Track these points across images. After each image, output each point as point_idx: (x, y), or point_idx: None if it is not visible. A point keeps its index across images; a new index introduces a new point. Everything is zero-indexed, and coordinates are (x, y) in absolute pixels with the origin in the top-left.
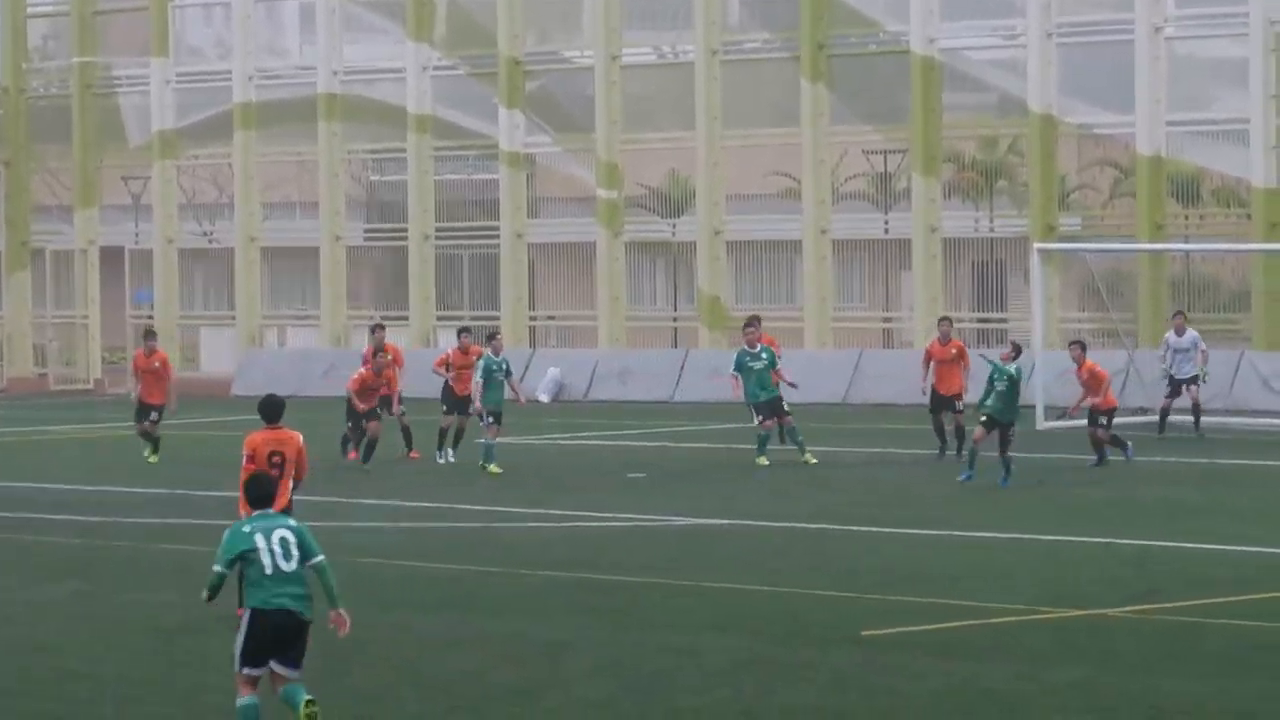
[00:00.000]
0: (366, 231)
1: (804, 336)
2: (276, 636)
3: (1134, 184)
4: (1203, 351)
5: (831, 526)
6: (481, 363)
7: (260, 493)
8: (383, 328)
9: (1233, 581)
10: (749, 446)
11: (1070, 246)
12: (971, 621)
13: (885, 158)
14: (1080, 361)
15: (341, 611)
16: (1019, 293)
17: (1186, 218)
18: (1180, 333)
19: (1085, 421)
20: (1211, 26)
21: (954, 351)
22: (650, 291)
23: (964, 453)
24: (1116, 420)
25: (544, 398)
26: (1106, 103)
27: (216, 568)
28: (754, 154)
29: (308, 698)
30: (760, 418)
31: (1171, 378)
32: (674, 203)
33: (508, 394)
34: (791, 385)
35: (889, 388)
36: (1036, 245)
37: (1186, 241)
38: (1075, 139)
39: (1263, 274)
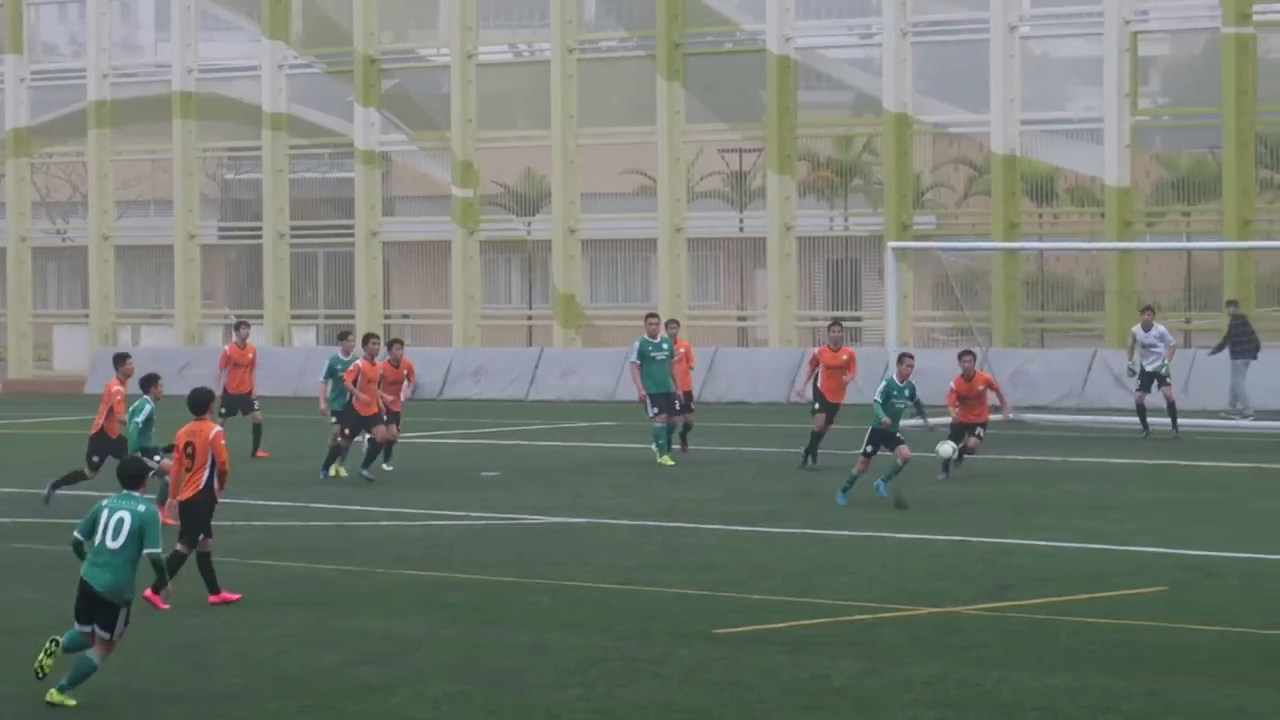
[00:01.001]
0: (221, 229)
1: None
2: (86, 602)
3: (989, 182)
4: (1170, 347)
5: (684, 524)
6: (328, 363)
7: (127, 473)
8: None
9: (1084, 578)
10: (602, 444)
11: (925, 245)
12: (823, 619)
13: (741, 156)
14: (972, 374)
15: (162, 594)
16: (873, 291)
17: (1041, 216)
18: (1148, 328)
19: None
20: (1066, 26)
21: (844, 358)
22: (505, 290)
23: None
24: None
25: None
26: (961, 101)
27: (75, 533)
28: (610, 152)
29: (49, 645)
30: (655, 410)
31: (1142, 370)
32: (529, 201)
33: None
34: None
35: (743, 386)
36: (891, 244)
37: (1041, 240)
38: (930, 137)
39: (1116, 272)
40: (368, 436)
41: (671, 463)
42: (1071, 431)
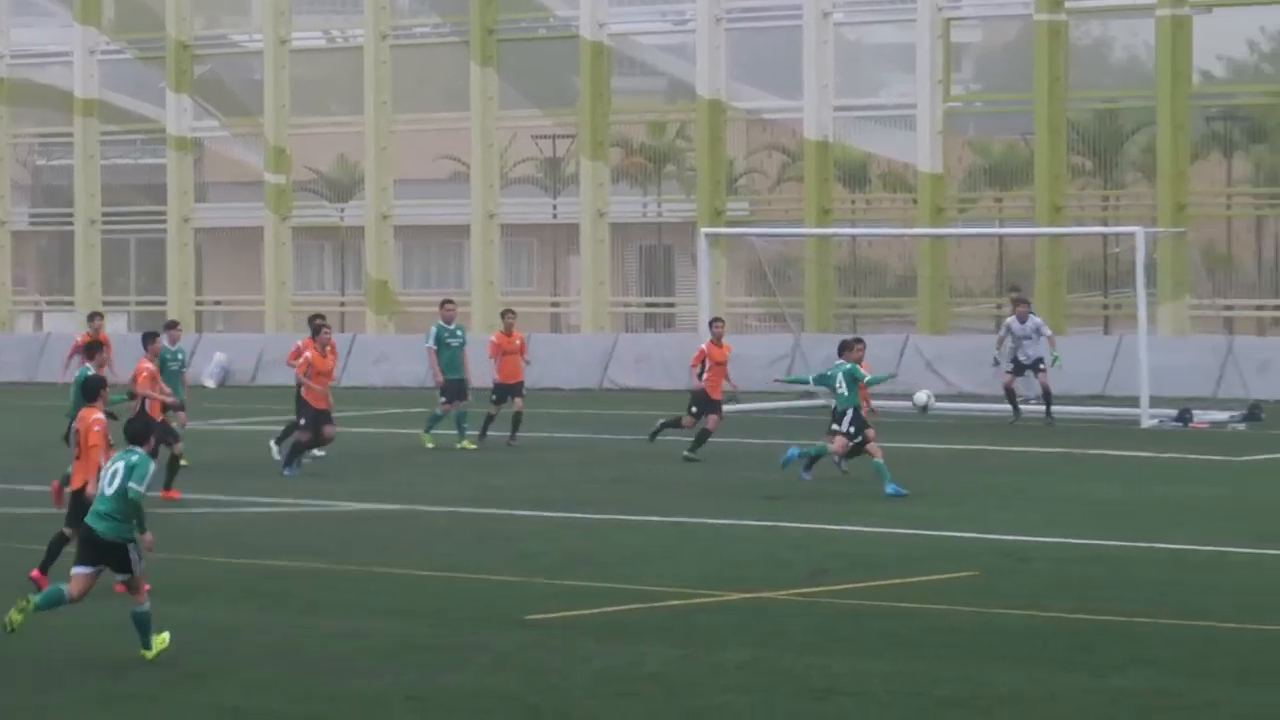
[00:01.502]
0: (32, 216)
1: (472, 320)
2: (88, 546)
3: (802, 169)
4: (1049, 337)
5: (498, 510)
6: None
7: (131, 430)
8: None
9: (896, 563)
10: (417, 431)
11: (737, 231)
12: (637, 605)
13: (554, 142)
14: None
15: (147, 535)
16: (687, 277)
17: (854, 202)
18: (1023, 320)
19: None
20: (879, 13)
21: (728, 354)
22: (318, 276)
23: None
24: (774, 404)
25: (210, 383)
26: (775, 88)
27: None
28: (423, 138)
29: (20, 602)
30: (444, 399)
31: (1016, 362)
32: (342, 187)
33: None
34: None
35: (556, 372)
36: (704, 230)
37: (854, 226)
38: (743, 124)
39: (928, 259)
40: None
41: (432, 445)
42: (883, 418)
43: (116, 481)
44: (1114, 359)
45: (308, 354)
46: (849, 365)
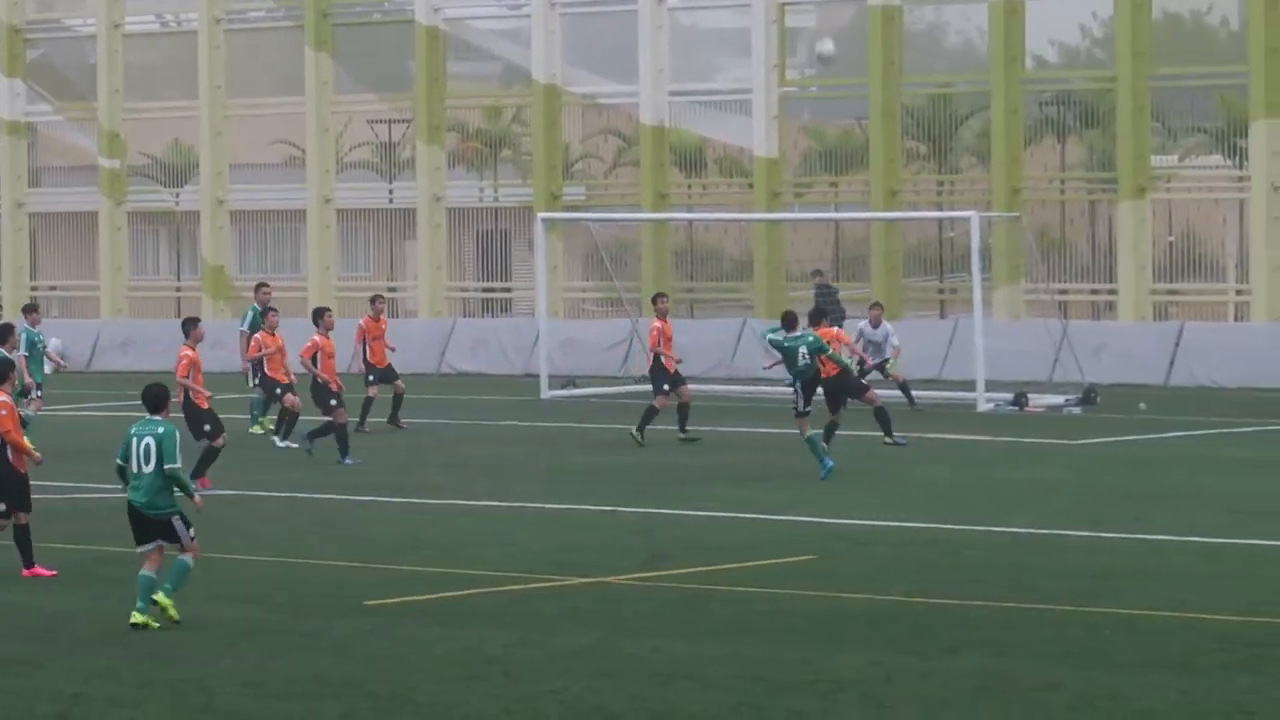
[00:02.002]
0: None
1: (307, 306)
2: (138, 524)
3: (638, 153)
4: (895, 347)
5: (336, 496)
6: (24, 337)
7: (150, 398)
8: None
9: (735, 548)
10: (248, 416)
11: (574, 216)
12: (476, 590)
13: (390, 127)
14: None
15: (197, 499)
16: (523, 262)
17: (690, 187)
18: (875, 324)
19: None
20: None
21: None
22: (153, 261)
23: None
24: (611, 389)
25: (45, 369)
26: (610, 73)
27: (116, 459)
28: (258, 123)
29: (165, 586)
30: (255, 382)
31: (862, 367)
32: (177, 172)
33: (48, 367)
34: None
35: (394, 357)
36: (540, 215)
37: (690, 210)
38: (579, 108)
39: (764, 243)
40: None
41: (262, 431)
42: (721, 402)
43: (151, 460)
44: (950, 343)
45: (257, 335)
46: (813, 337)
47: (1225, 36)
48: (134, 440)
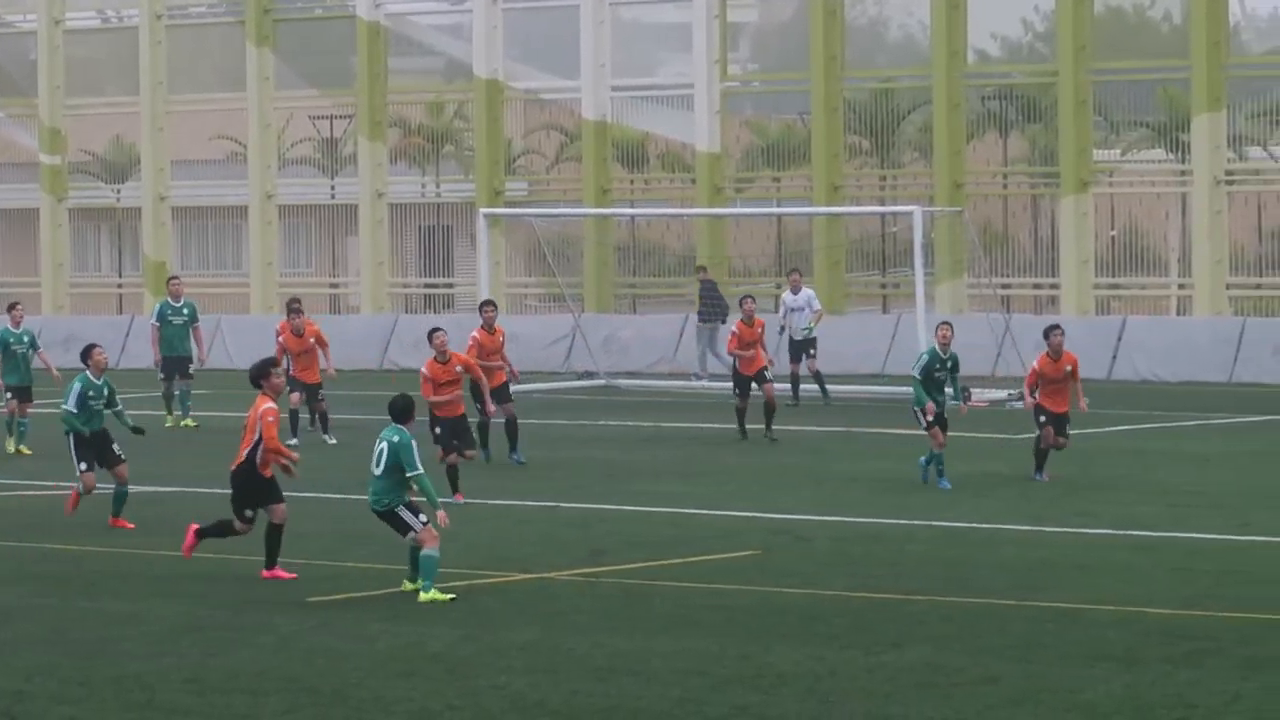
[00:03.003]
0: None
1: (249, 302)
2: (382, 520)
3: (580, 149)
4: (816, 312)
5: None
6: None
7: (395, 408)
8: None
9: (676, 542)
10: (194, 413)
11: (516, 212)
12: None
13: (332, 123)
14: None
15: (440, 512)
16: (466, 257)
17: (632, 182)
18: (796, 290)
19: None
20: None
21: (759, 331)
22: (95, 257)
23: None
24: (554, 385)
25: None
26: (552, 68)
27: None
28: (199, 119)
29: (416, 588)
30: (162, 375)
31: (791, 341)
32: (118, 168)
33: (37, 364)
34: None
35: (335, 353)
36: (483, 210)
37: (632, 206)
38: (521, 104)
39: (707, 238)
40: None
41: (171, 424)
42: (663, 396)
43: (381, 463)
44: (893, 338)
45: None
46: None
47: (1167, 30)
48: (379, 444)
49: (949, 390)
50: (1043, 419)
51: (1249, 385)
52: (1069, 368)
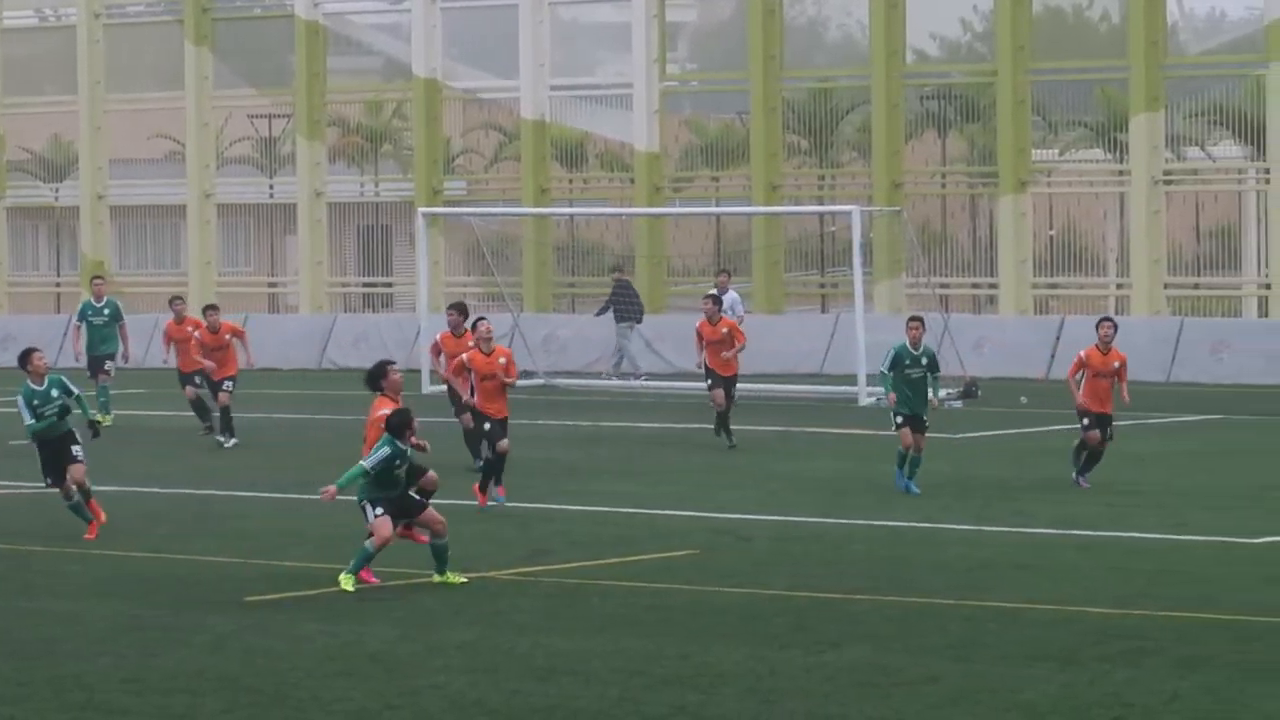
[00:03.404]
0: None
1: (188, 301)
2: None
3: (519, 148)
4: (741, 316)
5: (216, 491)
6: None
7: (389, 423)
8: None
9: (616, 542)
10: (133, 412)
11: (455, 211)
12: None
13: (270, 122)
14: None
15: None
16: (405, 257)
17: (571, 182)
18: (722, 291)
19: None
20: None
21: (724, 331)
22: (33, 256)
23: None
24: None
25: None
26: (491, 67)
27: None
28: (138, 118)
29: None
30: (90, 373)
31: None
32: (57, 167)
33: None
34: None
35: (274, 352)
36: (421, 209)
37: (571, 205)
38: (460, 103)
39: (646, 238)
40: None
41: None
42: (602, 396)
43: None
44: (831, 337)
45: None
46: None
47: (1106, 30)
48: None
49: (932, 393)
50: (1086, 421)
51: (1186, 385)
52: (1117, 364)
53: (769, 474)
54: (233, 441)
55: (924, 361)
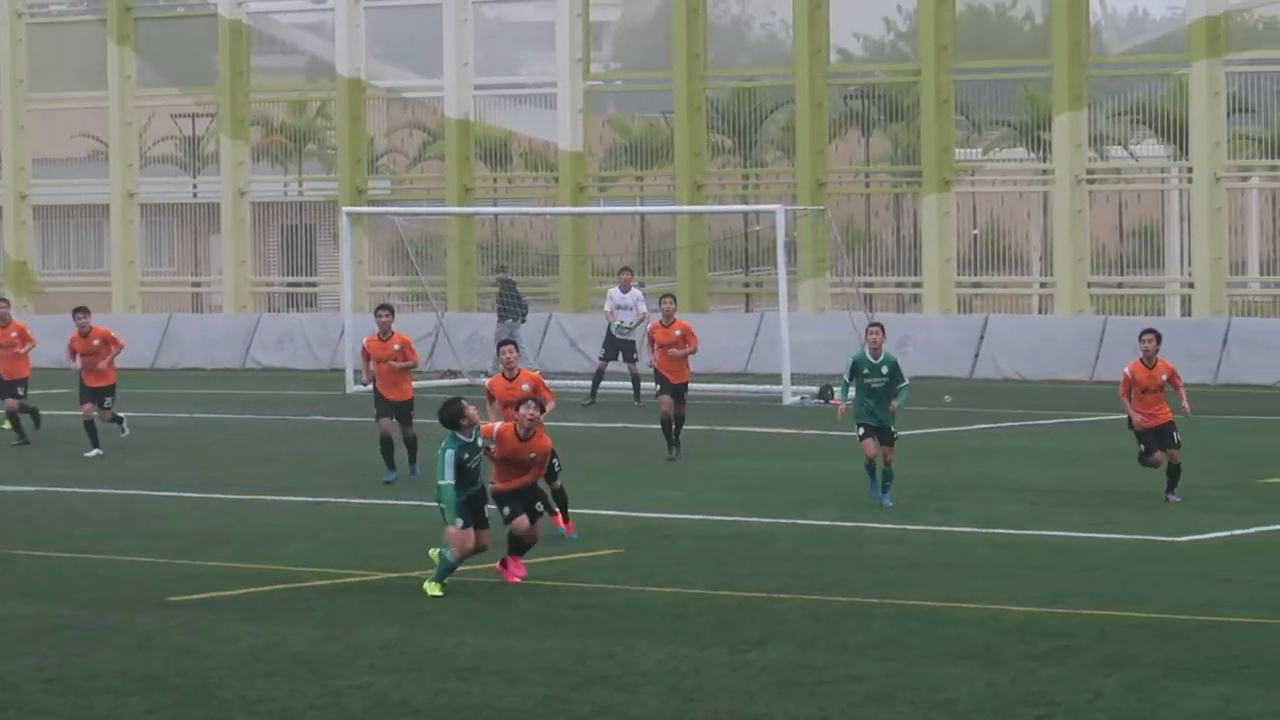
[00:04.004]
0: None
1: (111, 301)
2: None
3: (443, 147)
4: (641, 314)
5: (139, 491)
6: None
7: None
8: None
9: (541, 541)
10: (55, 412)
11: (379, 210)
12: (280, 585)
13: (194, 121)
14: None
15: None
16: (329, 256)
17: (495, 181)
18: (625, 289)
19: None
20: None
21: (677, 333)
22: None
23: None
24: (418, 384)
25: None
26: (415, 66)
27: None
28: (60, 117)
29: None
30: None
31: (610, 337)
32: None
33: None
34: None
35: (197, 353)
36: (345, 209)
37: (495, 205)
38: (384, 102)
39: (570, 237)
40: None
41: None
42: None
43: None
44: (755, 336)
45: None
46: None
47: (1029, 30)
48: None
49: (897, 401)
50: (1142, 448)
51: (1110, 383)
52: (1165, 376)
53: (693, 473)
54: (95, 452)
55: (884, 370)
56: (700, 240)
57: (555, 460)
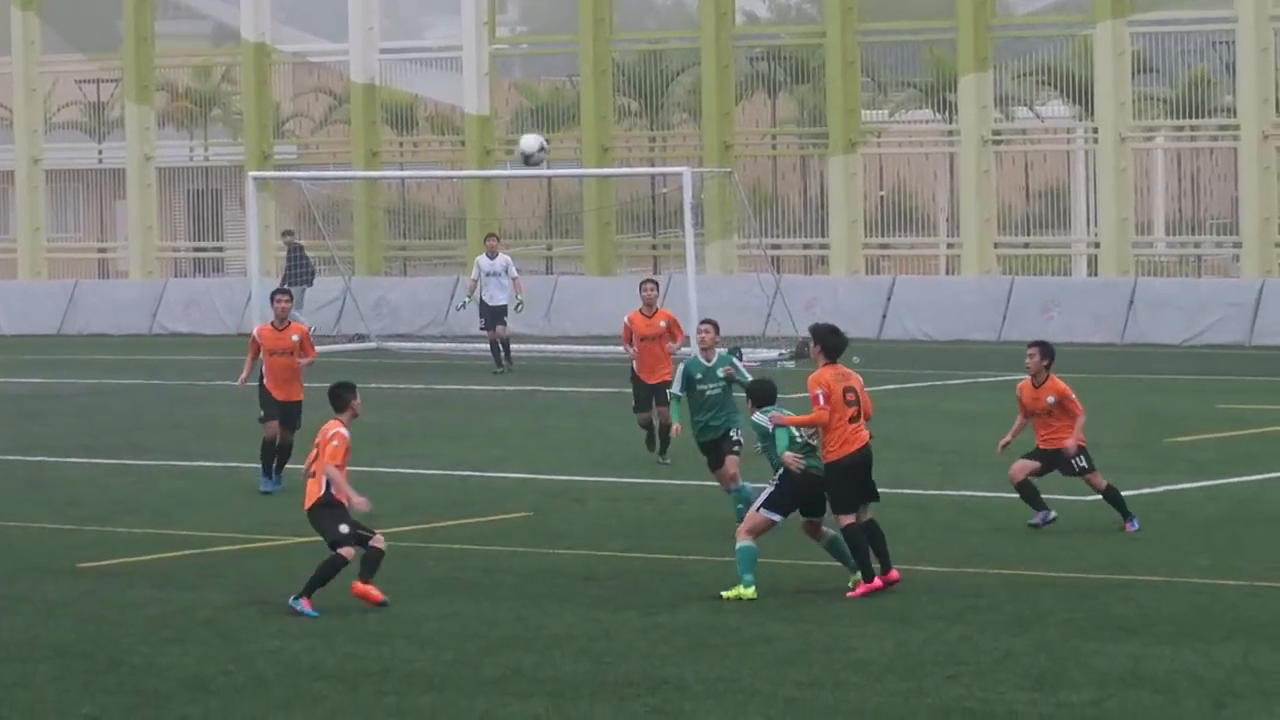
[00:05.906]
0: None
1: (16, 268)
2: None
3: (349, 112)
4: (514, 279)
5: (46, 458)
6: None
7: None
8: None
9: (449, 505)
10: None
11: (285, 175)
12: (189, 551)
13: (98, 86)
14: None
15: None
16: (236, 221)
17: (401, 145)
18: (492, 255)
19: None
20: None
21: (662, 324)
22: None
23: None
24: (325, 349)
25: None
26: (320, 30)
27: None
28: None
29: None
30: None
31: (484, 304)
32: None
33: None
34: None
35: (105, 318)
36: (252, 174)
37: (402, 168)
38: (290, 67)
39: (477, 201)
40: None
41: None
42: (434, 359)
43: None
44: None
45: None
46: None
47: None
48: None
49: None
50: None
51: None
52: (1052, 399)
53: (601, 436)
54: None
55: (720, 373)
56: (607, 203)
57: None
